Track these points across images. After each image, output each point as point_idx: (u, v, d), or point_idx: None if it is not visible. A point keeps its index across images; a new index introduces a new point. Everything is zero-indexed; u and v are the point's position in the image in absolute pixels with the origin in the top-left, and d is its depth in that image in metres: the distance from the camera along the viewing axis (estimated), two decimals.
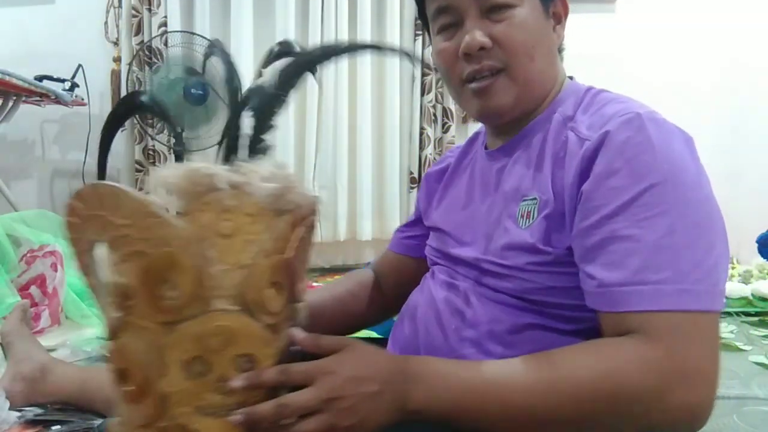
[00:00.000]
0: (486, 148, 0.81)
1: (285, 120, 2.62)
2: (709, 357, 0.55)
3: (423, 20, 0.81)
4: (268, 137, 0.60)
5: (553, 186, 0.66)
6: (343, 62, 2.59)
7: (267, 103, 0.60)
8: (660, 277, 0.55)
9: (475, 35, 0.69)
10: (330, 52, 0.64)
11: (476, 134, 0.88)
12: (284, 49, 0.64)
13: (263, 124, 0.59)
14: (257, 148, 0.59)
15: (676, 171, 0.59)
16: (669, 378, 0.53)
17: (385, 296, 0.97)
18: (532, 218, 0.68)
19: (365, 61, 2.59)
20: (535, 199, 0.68)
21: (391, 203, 2.69)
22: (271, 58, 0.64)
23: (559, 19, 0.76)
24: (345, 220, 2.70)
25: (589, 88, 0.74)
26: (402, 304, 0.95)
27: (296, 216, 0.55)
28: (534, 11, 0.71)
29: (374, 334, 1.44)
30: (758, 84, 2.69)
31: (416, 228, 0.94)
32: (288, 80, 0.60)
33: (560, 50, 0.78)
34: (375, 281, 0.98)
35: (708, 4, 2.73)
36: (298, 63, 0.61)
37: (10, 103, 2.03)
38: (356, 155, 2.66)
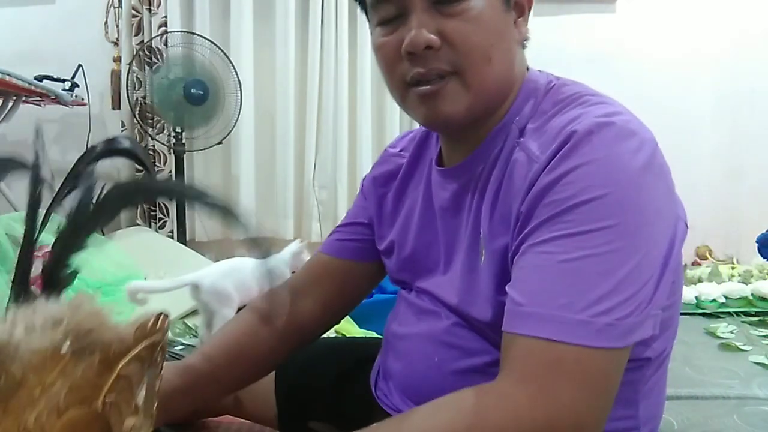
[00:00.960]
0: (440, 161, 0.72)
1: (285, 120, 2.62)
2: (587, 402, 0.49)
3: (361, 5, 0.69)
4: (71, 264, 0.48)
5: (492, 215, 0.60)
6: (343, 61, 2.59)
7: (72, 232, 0.49)
8: (558, 303, 0.50)
9: (421, 32, 0.59)
10: (164, 192, 0.52)
11: (428, 133, 0.77)
12: (110, 146, 0.54)
13: (64, 254, 0.49)
14: (55, 282, 0.48)
15: (615, 189, 0.52)
16: (533, 426, 0.48)
17: (300, 323, 0.81)
18: (482, 256, 0.61)
19: (365, 60, 2.59)
20: (481, 232, 0.62)
21: None
22: (95, 155, 0.54)
23: (522, 11, 0.65)
24: None
25: (549, 83, 0.65)
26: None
27: (109, 355, 0.44)
28: (492, 3, 0.61)
29: (373, 334, 1.44)
30: (759, 84, 2.69)
31: (356, 231, 0.82)
32: (107, 211, 0.49)
33: (523, 44, 0.67)
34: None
35: (708, 4, 2.73)
36: (124, 193, 0.50)
37: (10, 103, 2.03)
38: (356, 155, 2.66)
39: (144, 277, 1.72)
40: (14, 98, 2.03)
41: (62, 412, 0.42)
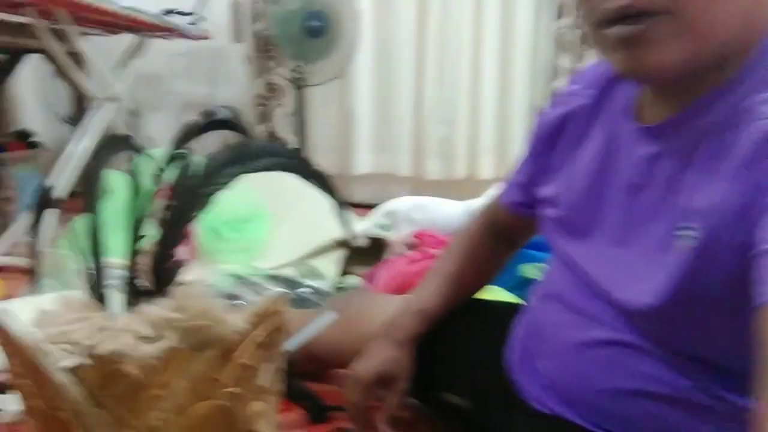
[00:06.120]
0: (635, 113, 0.58)
1: (405, 53, 2.49)
2: None
3: None
4: (175, 266, 0.50)
5: (721, 202, 0.47)
6: None
7: (173, 223, 0.49)
8: None
9: None
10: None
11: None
12: (209, 119, 0.53)
13: (168, 246, 0.49)
14: (162, 276, 0.49)
15: None
16: None
17: (502, 251, 0.87)
18: (684, 241, 0.50)
19: None
20: (695, 227, 0.49)
21: (515, 140, 2.51)
22: (195, 130, 0.52)
23: None
24: (464, 158, 2.57)
25: None
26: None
27: (227, 348, 0.46)
28: None
29: (509, 296, 1.33)
30: None
31: (528, 189, 0.74)
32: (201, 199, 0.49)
33: None
34: (490, 241, 0.84)
35: None
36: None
37: (140, 39, 2.09)
38: (478, 86, 2.49)
39: (271, 215, 1.73)
40: (144, 33, 2.07)
41: (184, 409, 0.43)
